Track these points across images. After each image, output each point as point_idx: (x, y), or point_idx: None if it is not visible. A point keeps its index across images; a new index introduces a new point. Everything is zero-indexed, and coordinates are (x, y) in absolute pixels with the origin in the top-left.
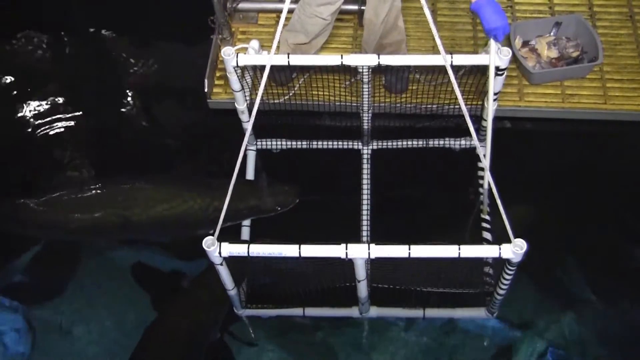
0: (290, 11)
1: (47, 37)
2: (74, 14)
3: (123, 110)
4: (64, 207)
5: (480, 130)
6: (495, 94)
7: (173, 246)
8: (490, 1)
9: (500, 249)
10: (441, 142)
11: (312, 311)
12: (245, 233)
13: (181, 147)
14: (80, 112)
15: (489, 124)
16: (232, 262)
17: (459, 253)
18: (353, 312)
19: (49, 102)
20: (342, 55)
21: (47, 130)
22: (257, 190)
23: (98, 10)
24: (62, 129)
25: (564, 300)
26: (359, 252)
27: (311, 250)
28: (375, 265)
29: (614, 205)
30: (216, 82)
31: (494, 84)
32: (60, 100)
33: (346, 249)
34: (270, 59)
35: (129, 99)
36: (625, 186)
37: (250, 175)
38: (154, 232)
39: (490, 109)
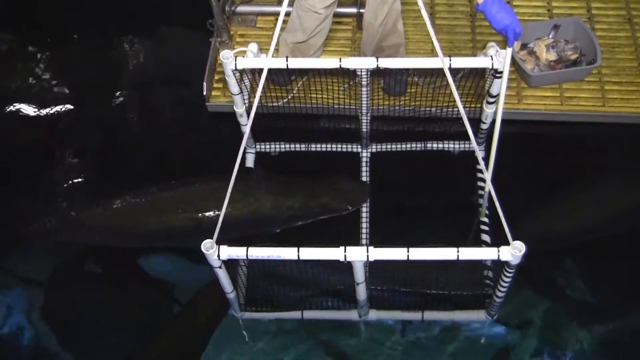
0: (289, 14)
1: (48, 42)
2: (72, 19)
3: (120, 113)
4: (134, 214)
5: (478, 132)
6: (493, 96)
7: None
8: (498, 2)
9: (498, 251)
10: (440, 145)
11: (310, 314)
12: None
13: (180, 150)
14: (78, 116)
15: (496, 129)
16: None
17: (458, 255)
18: (352, 315)
19: (47, 106)
20: (340, 58)
21: (45, 135)
22: (329, 188)
23: (96, 14)
24: (61, 134)
25: (563, 302)
26: (357, 255)
27: (310, 253)
28: (374, 267)
29: (613, 208)
30: (215, 85)
31: (493, 86)
32: (59, 104)
33: (345, 251)
34: (268, 62)
35: (126, 102)
36: (624, 188)
37: None
38: (226, 233)
39: (499, 113)
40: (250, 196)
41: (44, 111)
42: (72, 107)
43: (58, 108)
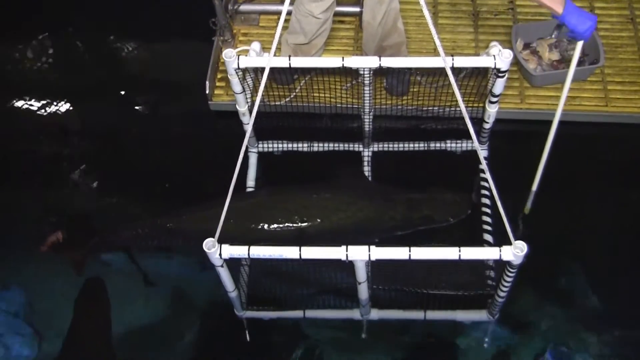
0: (291, 12)
1: (48, 42)
2: (74, 18)
3: (122, 112)
4: (238, 220)
5: (481, 132)
6: (496, 96)
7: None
8: (574, 8)
9: (500, 251)
10: (442, 145)
11: (312, 313)
12: None
13: (182, 149)
14: (81, 114)
15: (552, 131)
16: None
17: (460, 255)
18: (354, 314)
19: (49, 107)
20: (343, 57)
21: (47, 136)
22: (430, 200)
23: (98, 13)
24: (62, 134)
25: (566, 302)
26: (359, 254)
27: (312, 252)
28: (376, 267)
29: (615, 207)
30: (217, 84)
31: (496, 85)
32: (61, 103)
33: (347, 250)
34: (271, 61)
35: (128, 100)
36: (627, 188)
37: (251, 177)
38: (330, 242)
39: (558, 114)
40: (354, 205)
41: (43, 110)
42: (72, 107)
43: (59, 107)
